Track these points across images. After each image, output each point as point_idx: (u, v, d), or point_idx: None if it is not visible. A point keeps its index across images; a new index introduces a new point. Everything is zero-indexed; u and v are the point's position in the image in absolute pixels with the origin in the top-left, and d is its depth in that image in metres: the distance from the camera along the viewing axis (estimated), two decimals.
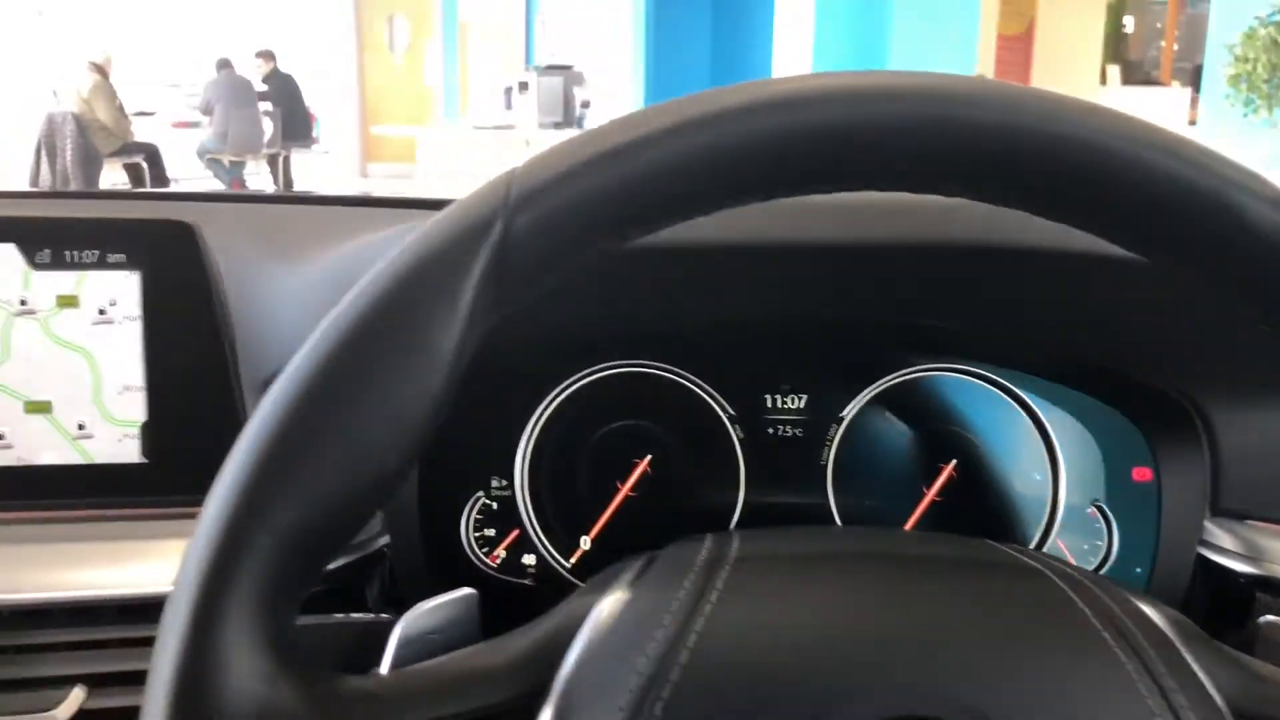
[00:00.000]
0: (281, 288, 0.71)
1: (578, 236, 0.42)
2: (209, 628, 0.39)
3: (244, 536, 0.39)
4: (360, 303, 0.41)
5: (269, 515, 0.39)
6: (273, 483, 0.39)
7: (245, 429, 0.41)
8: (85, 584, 0.63)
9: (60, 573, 0.63)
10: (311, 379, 0.40)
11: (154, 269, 0.66)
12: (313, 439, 0.40)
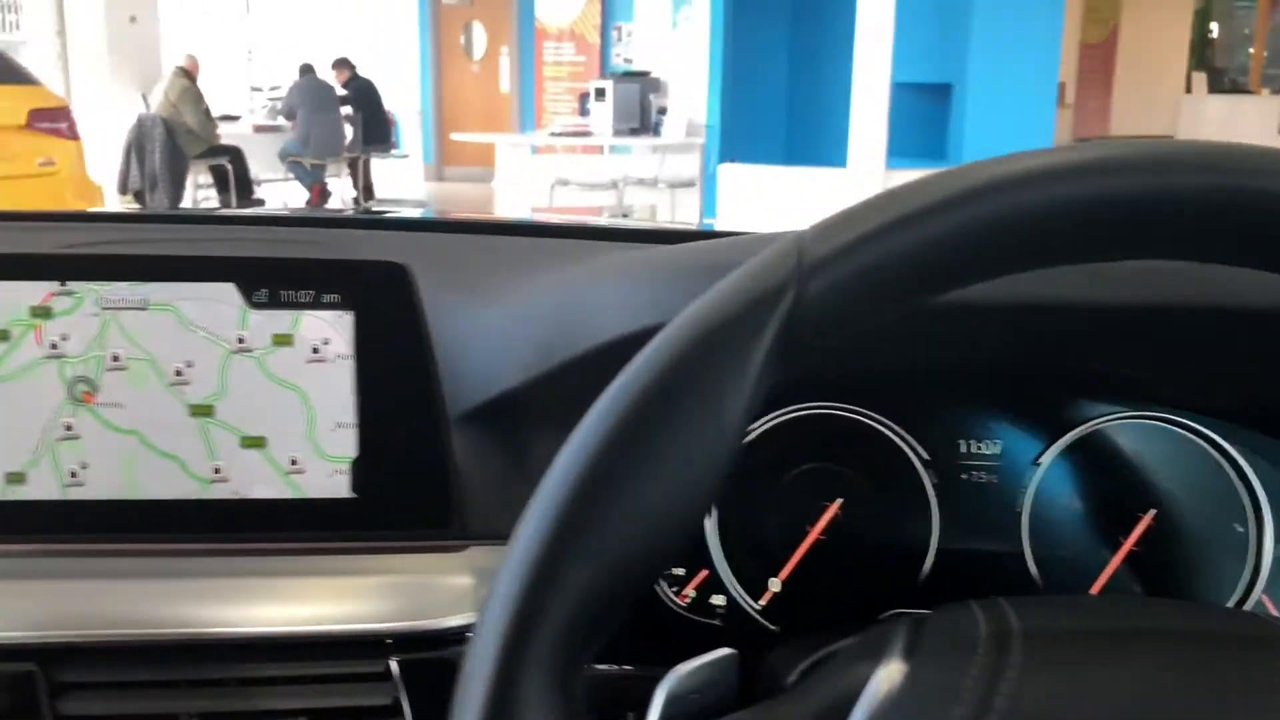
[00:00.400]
0: (481, 320, 0.72)
1: (869, 302, 0.42)
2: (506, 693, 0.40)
3: (539, 601, 0.40)
4: (651, 370, 0.41)
5: (563, 579, 0.40)
6: (567, 548, 0.40)
7: (539, 491, 0.42)
8: (301, 619, 0.64)
9: (276, 607, 0.65)
10: (603, 445, 0.41)
11: (367, 309, 0.68)
12: (605, 505, 0.40)
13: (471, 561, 0.68)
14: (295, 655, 0.64)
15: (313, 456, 0.68)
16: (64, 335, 0.66)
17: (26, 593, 0.64)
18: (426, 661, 0.64)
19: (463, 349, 0.71)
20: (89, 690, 0.62)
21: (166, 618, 0.63)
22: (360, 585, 0.66)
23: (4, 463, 0.66)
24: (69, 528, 0.67)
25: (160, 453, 0.67)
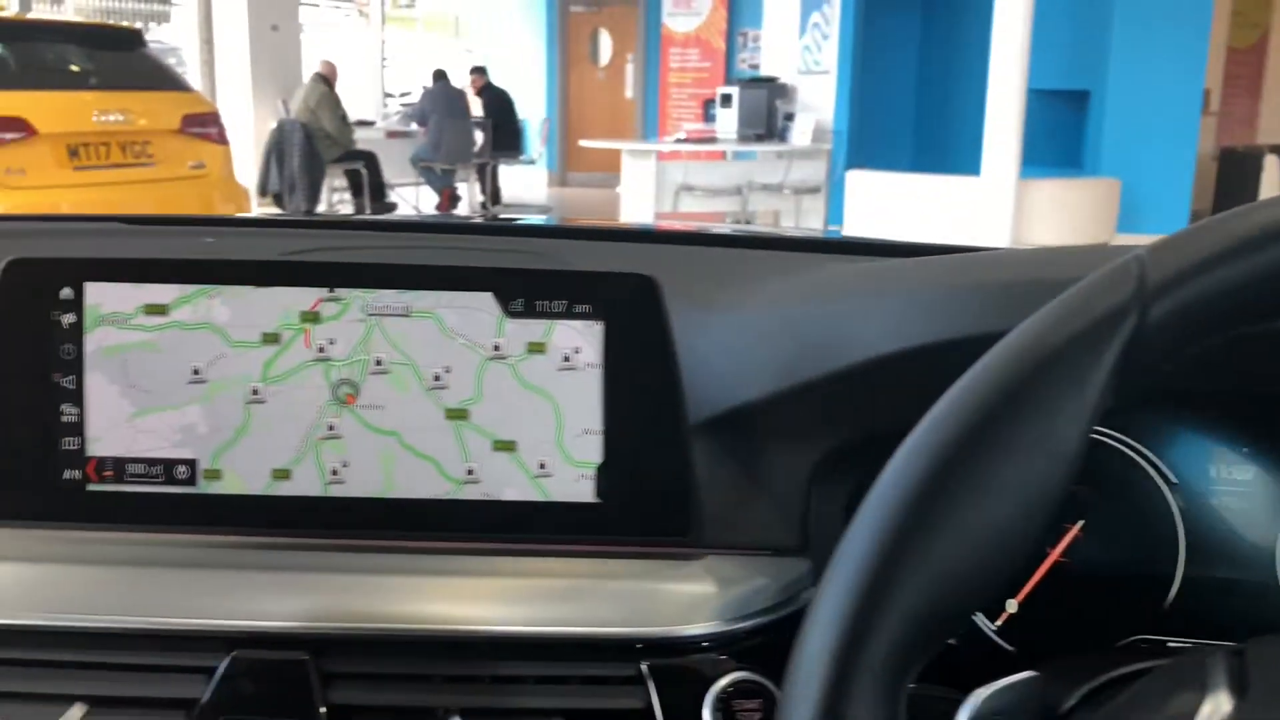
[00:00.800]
0: (723, 331, 0.73)
1: (1216, 323, 0.42)
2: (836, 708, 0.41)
3: (870, 619, 0.40)
4: (988, 387, 0.41)
5: (894, 598, 0.40)
6: (900, 566, 0.40)
7: (868, 504, 0.43)
8: (553, 619, 0.66)
9: (529, 607, 0.67)
10: (938, 462, 0.41)
11: (616, 319, 0.69)
12: (939, 525, 0.40)
13: (709, 570, 0.69)
14: (548, 655, 0.66)
15: (560, 461, 0.70)
16: (331, 339, 0.70)
17: (294, 585, 0.67)
18: (673, 667, 0.65)
19: (704, 360, 0.72)
20: (355, 681, 0.65)
21: (425, 614, 0.66)
22: (606, 589, 0.68)
23: (271, 460, 0.70)
24: (330, 524, 0.70)
25: (417, 454, 0.70)
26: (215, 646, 0.65)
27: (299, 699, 0.63)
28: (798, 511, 0.72)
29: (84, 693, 0.64)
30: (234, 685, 0.63)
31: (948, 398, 0.42)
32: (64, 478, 0.70)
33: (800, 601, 0.69)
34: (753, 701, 0.63)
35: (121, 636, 0.65)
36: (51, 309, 0.69)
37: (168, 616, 0.65)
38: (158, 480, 0.70)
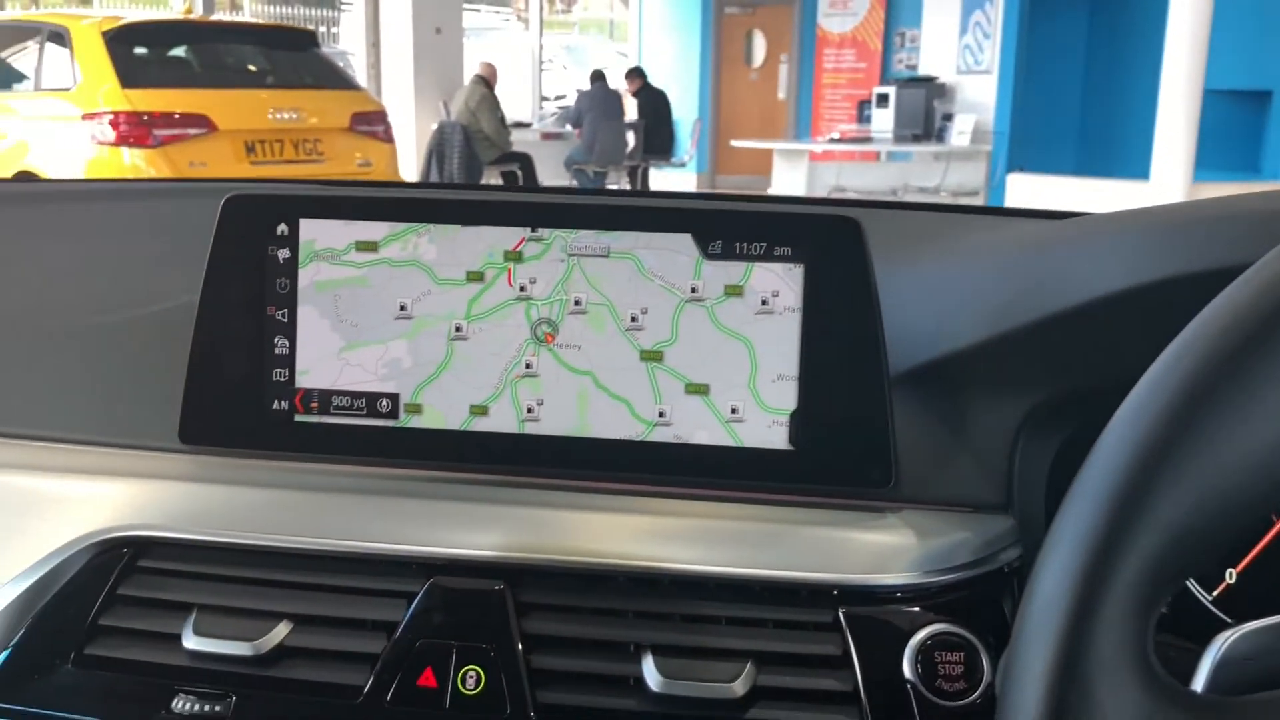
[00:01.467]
0: (927, 279, 0.71)
1: None
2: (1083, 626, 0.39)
3: (1128, 532, 0.38)
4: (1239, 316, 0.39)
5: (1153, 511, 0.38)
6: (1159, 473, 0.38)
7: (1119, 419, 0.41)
8: (746, 562, 0.65)
9: (721, 549, 0.66)
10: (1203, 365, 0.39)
11: (817, 262, 0.68)
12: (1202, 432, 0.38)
13: (908, 522, 0.67)
14: (741, 597, 0.65)
15: (753, 407, 0.69)
16: (532, 279, 0.70)
17: (491, 517, 0.68)
18: (870, 617, 0.64)
19: (907, 309, 0.71)
20: (549, 611, 0.65)
21: (619, 550, 0.66)
22: (801, 535, 0.66)
23: (470, 396, 0.71)
24: (525, 461, 0.71)
25: (611, 394, 0.70)
26: (414, 573, 0.66)
27: (494, 626, 0.64)
28: (1002, 468, 0.69)
29: (289, 610, 0.66)
30: (432, 610, 0.64)
31: (1197, 325, 0.40)
32: (273, 409, 0.72)
33: (1001, 560, 0.66)
34: (955, 655, 0.61)
35: (325, 559, 0.68)
36: (268, 244, 0.72)
37: (369, 541, 0.67)
38: (361, 413, 0.72)
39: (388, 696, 0.63)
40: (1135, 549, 0.38)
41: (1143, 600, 0.38)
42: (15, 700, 0.66)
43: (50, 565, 0.68)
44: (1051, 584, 0.38)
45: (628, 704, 0.62)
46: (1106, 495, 0.39)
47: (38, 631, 0.67)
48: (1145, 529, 0.38)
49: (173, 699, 0.64)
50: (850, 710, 0.62)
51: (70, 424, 0.77)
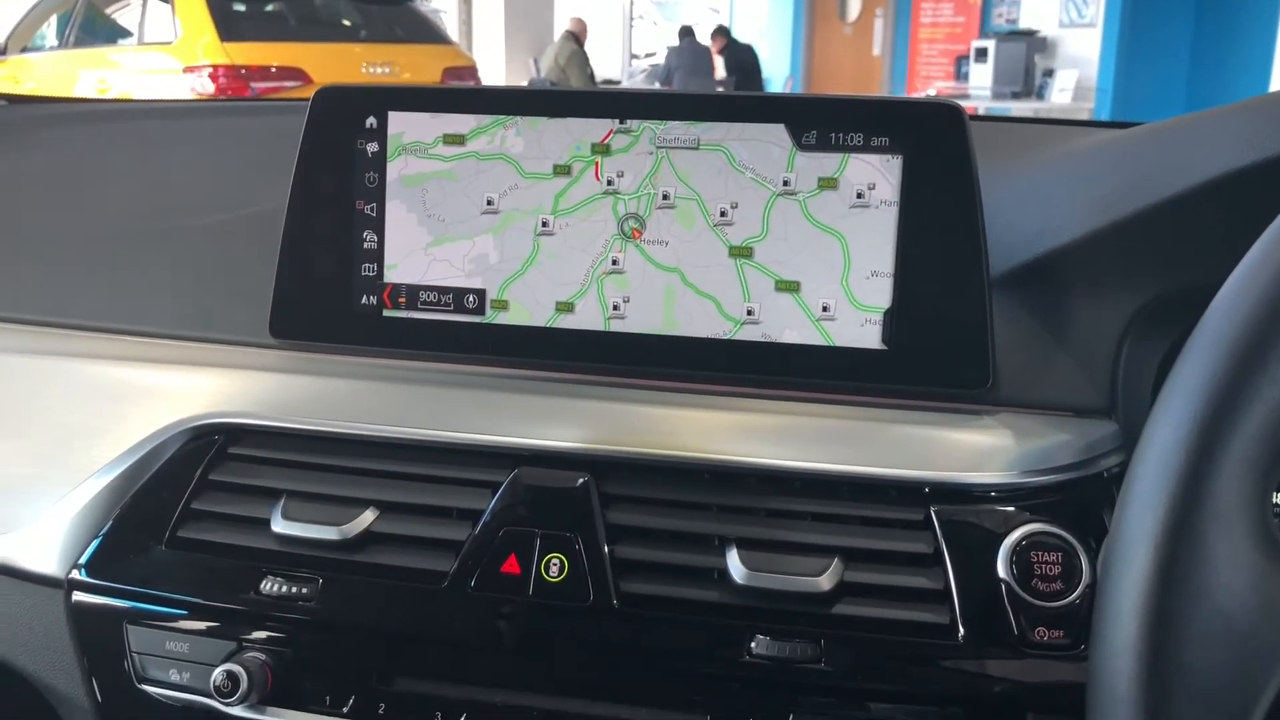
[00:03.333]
0: (1029, 174, 0.68)
1: None
2: (1195, 506, 0.36)
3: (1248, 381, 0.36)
4: None
5: (1276, 366, 0.36)
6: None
7: (1238, 275, 0.38)
8: (835, 458, 0.64)
9: (808, 446, 0.64)
10: None
11: (917, 153, 0.66)
12: None
13: (1005, 423, 0.65)
14: (828, 493, 0.64)
15: (845, 304, 0.67)
16: (620, 172, 0.69)
17: (576, 411, 0.67)
18: (963, 515, 0.62)
19: (1009, 206, 0.68)
20: (633, 503, 0.64)
21: (704, 445, 0.65)
22: (892, 433, 0.65)
23: (556, 293, 0.70)
24: (610, 358, 0.70)
25: (698, 292, 0.69)
26: (500, 463, 0.66)
27: (578, 516, 0.63)
28: (1106, 371, 0.66)
29: (376, 498, 0.66)
30: (516, 499, 0.64)
31: None
32: (361, 303, 0.73)
33: (1101, 466, 0.63)
34: (1052, 555, 0.59)
35: (411, 448, 0.68)
36: (357, 137, 0.72)
37: (455, 431, 0.67)
38: (448, 309, 0.72)
39: (472, 582, 0.63)
40: (1258, 401, 0.36)
41: (1263, 459, 0.36)
42: (111, 578, 0.68)
43: (145, 450, 0.70)
44: (1168, 434, 0.36)
45: (711, 595, 0.61)
46: (1228, 347, 0.36)
47: (133, 513, 0.69)
48: (1269, 382, 0.36)
49: (262, 581, 0.65)
50: (940, 609, 0.60)
51: (166, 320, 0.78)
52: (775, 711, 0.60)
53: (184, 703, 0.66)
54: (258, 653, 0.65)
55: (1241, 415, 0.35)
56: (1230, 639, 0.35)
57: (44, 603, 0.70)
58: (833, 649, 0.60)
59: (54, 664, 0.70)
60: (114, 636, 0.68)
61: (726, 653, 0.60)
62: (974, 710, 0.59)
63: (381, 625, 0.64)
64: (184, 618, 0.67)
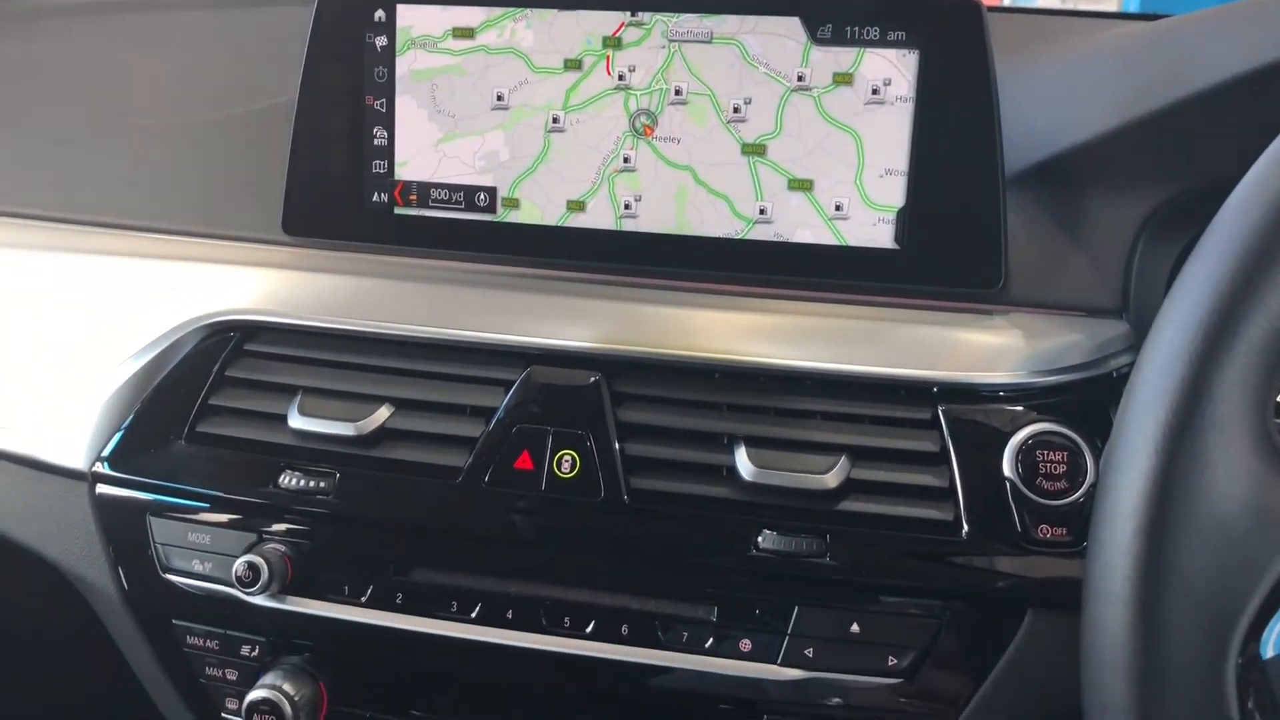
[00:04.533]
0: (1048, 70, 0.67)
1: None
2: (1196, 411, 0.37)
3: (1253, 286, 0.36)
4: None
5: (1272, 290, 0.36)
6: None
7: (1249, 180, 0.38)
8: (843, 358, 0.64)
9: (817, 345, 0.65)
10: None
11: (934, 49, 0.64)
12: None
13: (1015, 323, 0.65)
14: (837, 393, 0.64)
15: (858, 203, 0.67)
16: (631, 66, 0.68)
17: (588, 310, 0.67)
18: (970, 414, 0.62)
19: (1024, 105, 0.67)
20: (644, 402, 0.65)
21: (714, 345, 0.65)
22: (902, 333, 0.65)
23: (567, 191, 0.70)
24: (621, 257, 0.70)
25: (710, 190, 0.68)
26: (512, 362, 0.67)
27: (590, 414, 0.64)
28: (1119, 271, 0.66)
29: (390, 394, 0.67)
30: (529, 397, 0.65)
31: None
32: (372, 200, 0.72)
33: (1111, 366, 0.63)
34: (1057, 455, 0.60)
35: (425, 346, 0.68)
36: (366, 30, 0.71)
37: (468, 330, 0.67)
38: (459, 207, 0.71)
39: (486, 477, 0.64)
40: (1263, 309, 0.36)
41: (1265, 367, 0.36)
42: (133, 471, 0.69)
43: (162, 346, 0.71)
44: (1173, 339, 0.36)
45: (719, 491, 0.62)
46: (1235, 253, 0.36)
47: (152, 408, 0.70)
48: (1274, 290, 0.35)
49: (280, 475, 0.67)
50: (945, 506, 0.61)
51: (178, 216, 0.78)
52: (781, 604, 0.62)
53: (207, 592, 0.69)
54: (277, 544, 0.67)
55: (1246, 322, 0.35)
56: (1223, 543, 0.36)
57: (69, 495, 0.72)
58: (838, 544, 0.61)
59: (81, 554, 0.72)
60: (138, 528, 0.70)
61: (734, 547, 0.62)
62: (975, 604, 0.61)
63: (398, 518, 0.66)
64: (205, 510, 0.69)
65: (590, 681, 0.65)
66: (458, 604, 0.65)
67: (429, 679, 0.69)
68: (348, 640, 0.68)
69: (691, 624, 0.63)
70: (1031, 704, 0.61)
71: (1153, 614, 0.38)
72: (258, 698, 0.67)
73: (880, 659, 0.61)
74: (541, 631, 0.64)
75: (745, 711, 0.64)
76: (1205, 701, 0.38)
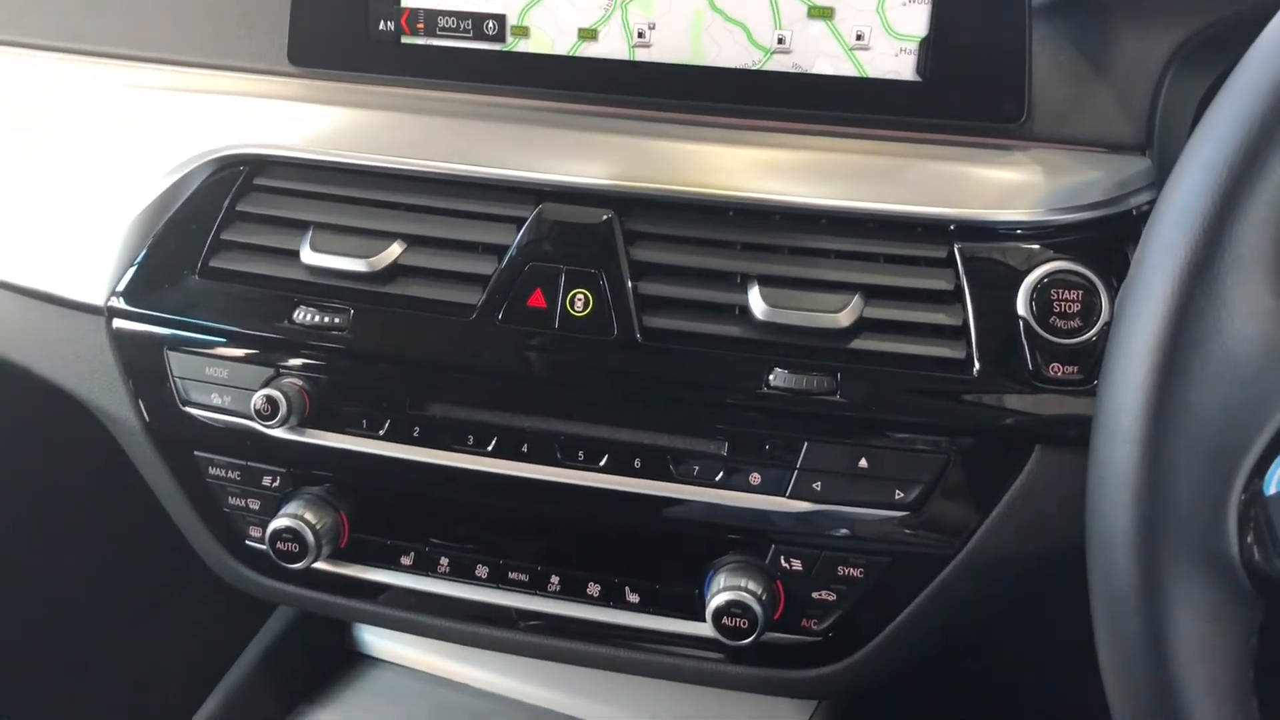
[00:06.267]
0: None
1: None
2: (1216, 249, 0.36)
3: (1269, 146, 0.35)
4: None
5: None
6: None
7: (1272, 29, 0.36)
8: (860, 195, 0.63)
9: (834, 182, 0.63)
10: None
11: None
12: None
13: (1036, 159, 0.64)
14: (852, 231, 0.63)
15: (880, 33, 0.64)
16: None
17: (601, 146, 0.66)
18: (986, 252, 0.61)
19: None
20: (657, 240, 0.65)
21: (729, 182, 0.64)
22: (920, 169, 0.64)
23: (578, 18, 0.68)
24: (635, 89, 0.68)
25: (727, 18, 0.66)
26: (524, 198, 0.66)
27: (602, 252, 0.64)
28: (1144, 105, 0.64)
29: (402, 231, 0.67)
30: (541, 235, 0.64)
31: None
32: (379, 29, 0.70)
33: (1132, 203, 0.62)
34: (1073, 293, 0.59)
35: (436, 182, 0.67)
36: None
37: (480, 165, 0.66)
38: (467, 35, 0.69)
39: (499, 315, 0.64)
40: None
41: None
42: (148, 306, 0.70)
43: (172, 180, 0.70)
44: (1197, 175, 0.36)
45: (731, 330, 0.63)
46: (1265, 91, 0.35)
47: (165, 243, 0.70)
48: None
49: (294, 310, 0.67)
50: (957, 344, 0.61)
51: (182, 45, 0.76)
52: (790, 439, 0.62)
53: (226, 424, 0.70)
54: (294, 379, 0.68)
55: (1272, 160, 0.35)
56: (1235, 381, 0.36)
57: (88, 330, 0.72)
58: (849, 382, 0.61)
59: (102, 387, 0.73)
60: (156, 361, 0.71)
61: (745, 385, 0.62)
62: (984, 440, 0.62)
63: (412, 354, 0.66)
64: (221, 345, 0.69)
65: (603, 514, 0.67)
66: (474, 438, 0.67)
67: (447, 509, 0.71)
68: (367, 472, 0.69)
69: (703, 458, 0.64)
70: (1033, 538, 0.62)
71: (1160, 450, 0.38)
72: (281, 526, 0.69)
73: (887, 493, 0.63)
74: (556, 465, 0.66)
75: (754, 543, 0.66)
76: (1206, 534, 0.39)
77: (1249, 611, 0.38)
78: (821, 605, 0.66)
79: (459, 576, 0.71)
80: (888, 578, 0.65)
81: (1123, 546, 0.40)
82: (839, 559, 0.65)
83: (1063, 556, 0.59)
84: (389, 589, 0.74)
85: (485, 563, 0.71)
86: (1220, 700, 0.38)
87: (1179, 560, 0.39)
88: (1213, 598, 0.38)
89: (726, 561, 0.66)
